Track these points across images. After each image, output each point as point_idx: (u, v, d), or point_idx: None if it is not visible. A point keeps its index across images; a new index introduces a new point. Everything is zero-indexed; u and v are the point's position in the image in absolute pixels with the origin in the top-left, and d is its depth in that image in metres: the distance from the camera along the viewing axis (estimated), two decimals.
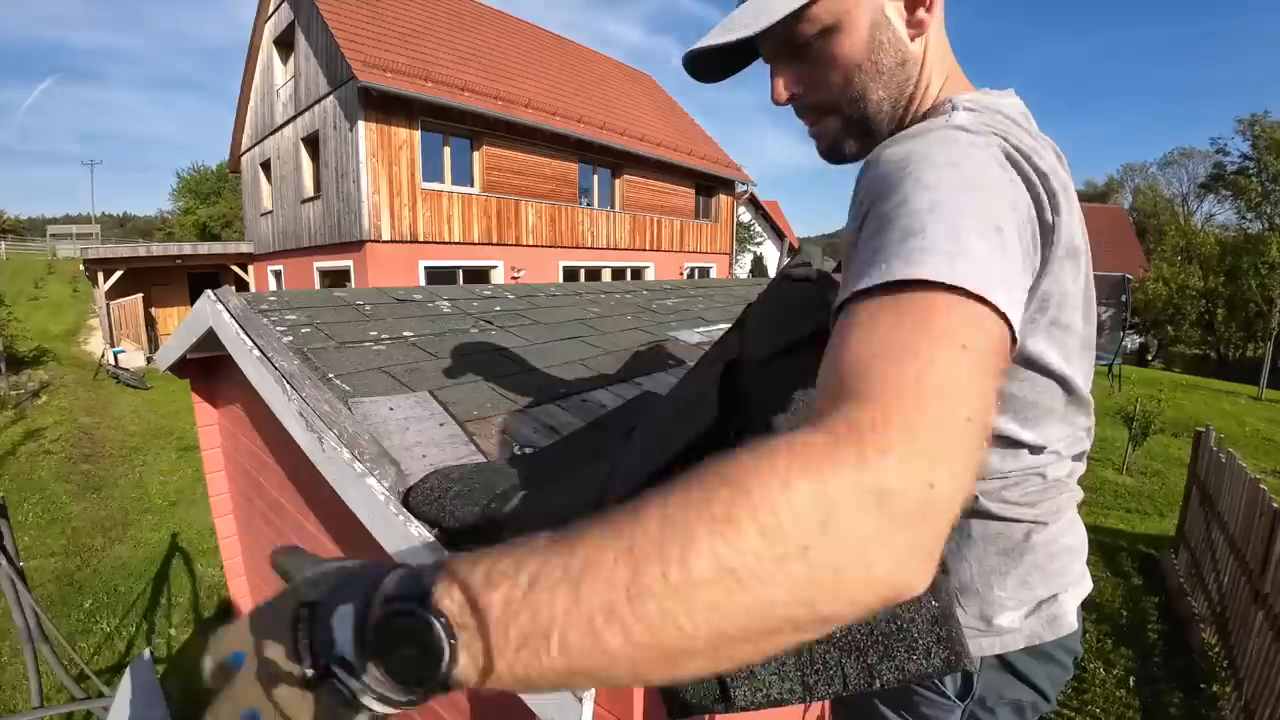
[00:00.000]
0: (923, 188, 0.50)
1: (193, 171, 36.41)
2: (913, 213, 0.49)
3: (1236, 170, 24.90)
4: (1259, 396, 14.22)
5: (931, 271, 0.44)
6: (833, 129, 0.71)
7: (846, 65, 0.65)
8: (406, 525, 1.14)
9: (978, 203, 0.50)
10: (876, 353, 0.42)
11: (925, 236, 0.47)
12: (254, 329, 1.74)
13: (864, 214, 0.55)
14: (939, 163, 0.52)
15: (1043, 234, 0.57)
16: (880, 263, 0.47)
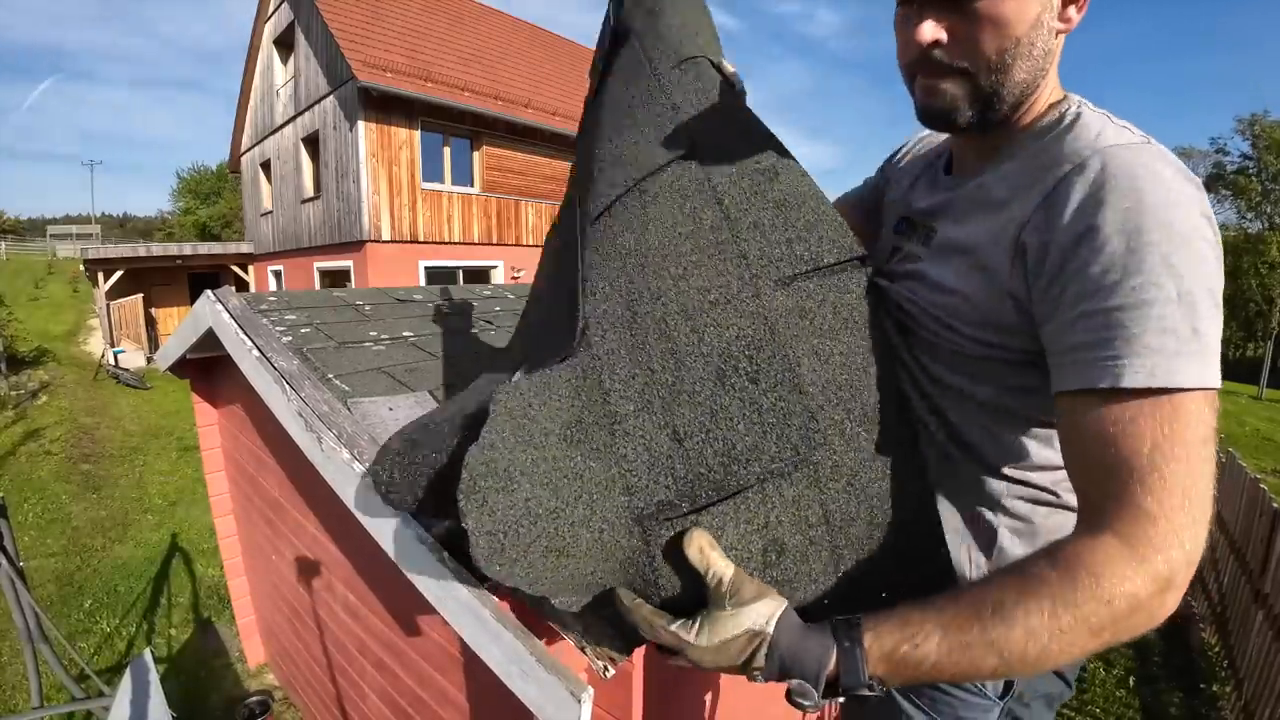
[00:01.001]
0: (1170, 272, 0.53)
1: (193, 171, 36.42)
2: (1165, 301, 0.52)
3: (1236, 170, 24.89)
4: (1259, 396, 14.22)
5: (1194, 379, 0.52)
6: (955, 93, 0.66)
7: (1005, 34, 0.62)
8: (406, 525, 1.14)
9: (1211, 283, 0.54)
10: (1150, 463, 0.52)
11: (1179, 338, 0.52)
12: (254, 329, 1.74)
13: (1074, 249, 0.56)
14: (1177, 234, 0.53)
15: None
16: (1138, 357, 0.53)
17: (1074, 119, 0.64)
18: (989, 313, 0.66)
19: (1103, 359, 0.54)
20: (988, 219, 0.66)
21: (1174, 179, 0.56)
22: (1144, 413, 0.53)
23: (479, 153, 11.22)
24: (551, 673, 0.89)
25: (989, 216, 0.66)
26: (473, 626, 1.01)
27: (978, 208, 0.69)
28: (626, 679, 1.25)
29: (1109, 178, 0.56)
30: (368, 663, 2.00)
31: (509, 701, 0.98)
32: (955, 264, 0.69)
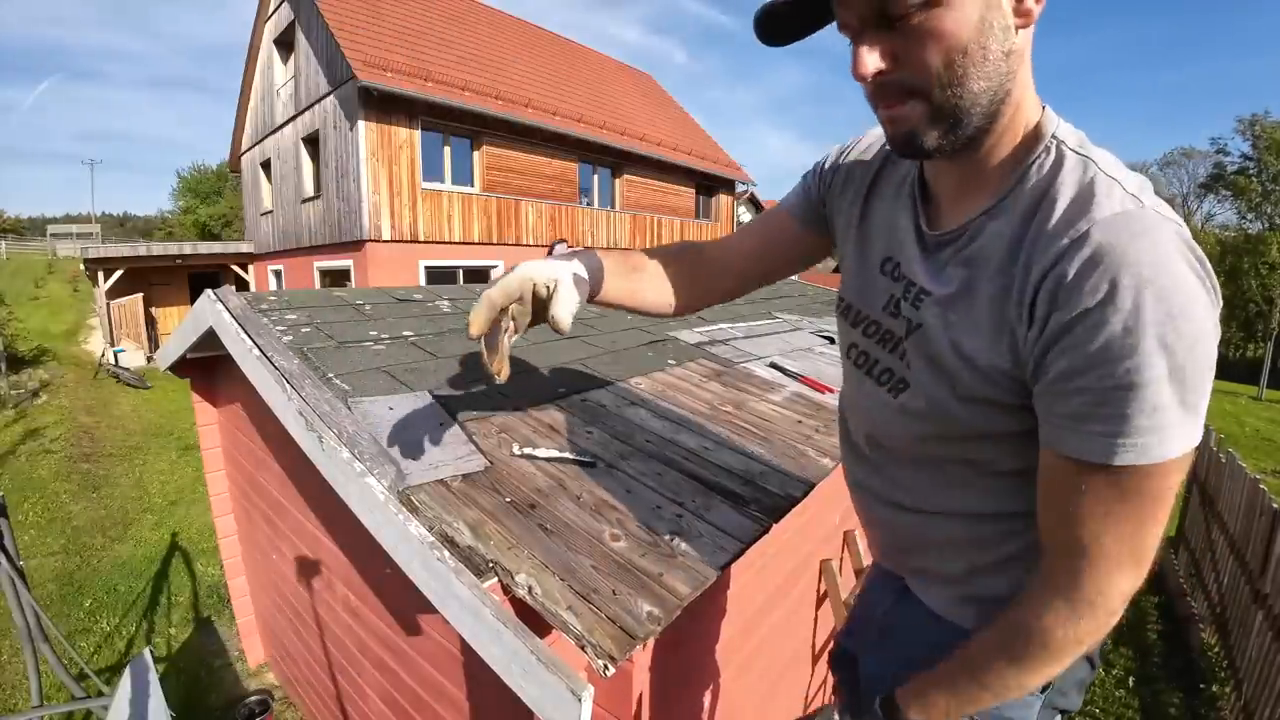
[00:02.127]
0: (1164, 351, 0.54)
1: (193, 171, 36.44)
2: (1158, 381, 0.54)
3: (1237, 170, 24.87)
4: (1259, 396, 14.22)
5: (1177, 450, 0.56)
6: (915, 116, 0.62)
7: (950, 45, 0.58)
8: (406, 524, 1.14)
9: (1205, 348, 0.55)
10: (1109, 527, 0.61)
11: (1168, 415, 0.55)
12: (254, 328, 1.74)
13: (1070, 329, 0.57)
14: (1174, 312, 0.54)
15: None
16: (1129, 437, 0.56)
17: (1055, 168, 0.63)
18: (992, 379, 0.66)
19: (1096, 433, 0.58)
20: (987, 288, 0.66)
21: (1169, 253, 0.55)
22: (1115, 483, 0.59)
23: (479, 152, 11.22)
24: (552, 671, 0.89)
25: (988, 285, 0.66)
26: (473, 625, 1.01)
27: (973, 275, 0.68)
28: (626, 678, 1.25)
29: (1105, 257, 0.56)
30: (368, 662, 2.00)
31: (509, 700, 0.98)
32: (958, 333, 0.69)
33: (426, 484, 1.30)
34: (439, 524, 1.19)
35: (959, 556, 0.82)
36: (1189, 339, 0.54)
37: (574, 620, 1.00)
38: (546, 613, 1.02)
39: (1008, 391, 0.66)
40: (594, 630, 0.98)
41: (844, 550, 2.36)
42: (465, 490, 1.30)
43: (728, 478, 1.53)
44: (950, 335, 0.69)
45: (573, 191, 12.91)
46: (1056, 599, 0.64)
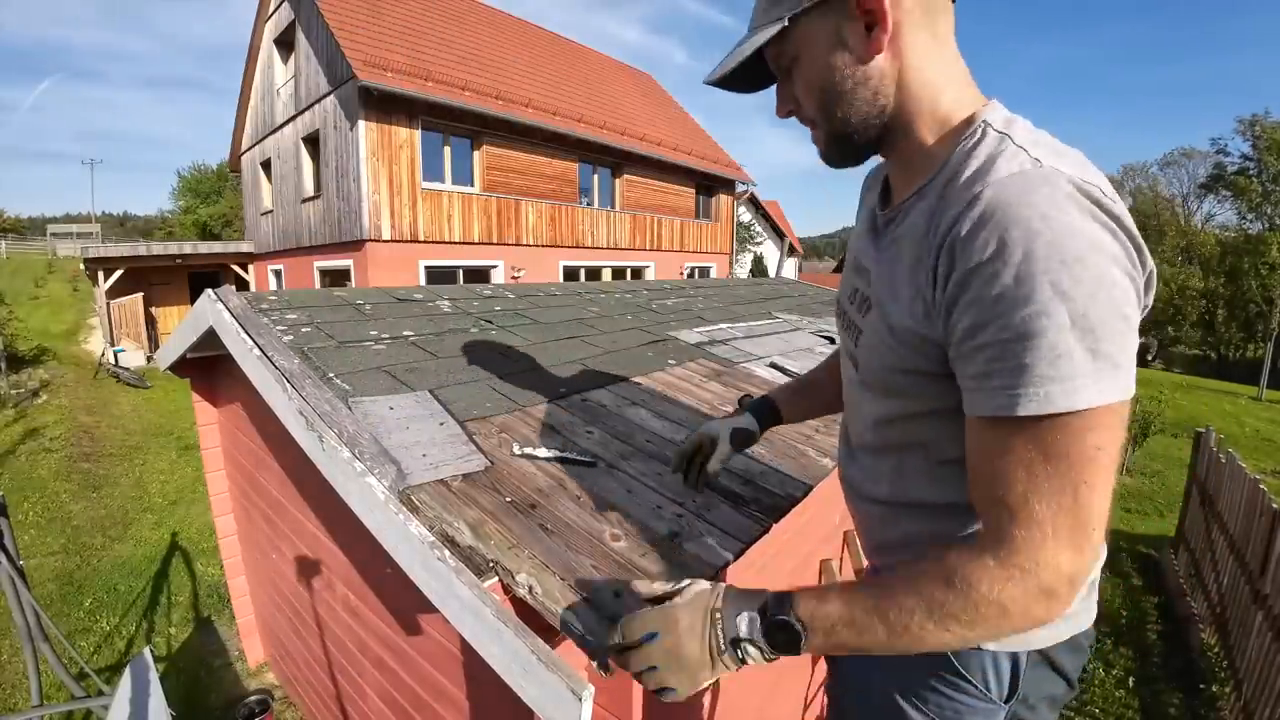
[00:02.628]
0: (1062, 298, 0.55)
1: (193, 171, 36.40)
2: (1057, 329, 0.55)
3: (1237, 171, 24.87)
4: (1259, 397, 14.22)
5: (1088, 400, 0.55)
6: (819, 139, 0.78)
7: (812, 88, 0.73)
8: (406, 524, 1.14)
9: (1112, 297, 0.55)
10: (1027, 491, 0.59)
11: (1074, 362, 0.55)
12: (254, 328, 1.74)
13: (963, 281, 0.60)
14: (1067, 259, 0.55)
15: (1145, 280, 0.61)
16: (1031, 386, 0.57)
17: (974, 145, 0.66)
18: (914, 345, 0.70)
19: (998, 388, 0.59)
20: (907, 258, 0.70)
21: (1060, 203, 0.57)
22: (1032, 439, 0.58)
23: (479, 152, 11.21)
24: (552, 671, 0.89)
25: (908, 255, 0.70)
26: (473, 625, 1.01)
27: (899, 248, 0.73)
28: (627, 677, 1.25)
29: (995, 211, 0.58)
30: (368, 661, 2.00)
31: (509, 700, 0.98)
32: (885, 303, 0.74)
33: (427, 484, 1.30)
34: (439, 524, 1.19)
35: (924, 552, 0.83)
36: (1089, 285, 0.55)
37: (574, 620, 1.00)
38: (547, 612, 1.02)
39: (933, 360, 0.68)
40: (594, 630, 0.98)
41: (844, 550, 2.36)
42: (465, 490, 1.30)
43: (728, 477, 1.53)
44: (881, 308, 0.75)
45: (573, 191, 12.90)
46: (986, 555, 0.61)
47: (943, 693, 0.82)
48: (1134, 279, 0.58)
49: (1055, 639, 0.78)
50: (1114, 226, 0.57)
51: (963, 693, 0.81)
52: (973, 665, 0.80)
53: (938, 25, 0.69)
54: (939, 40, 0.70)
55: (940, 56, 0.70)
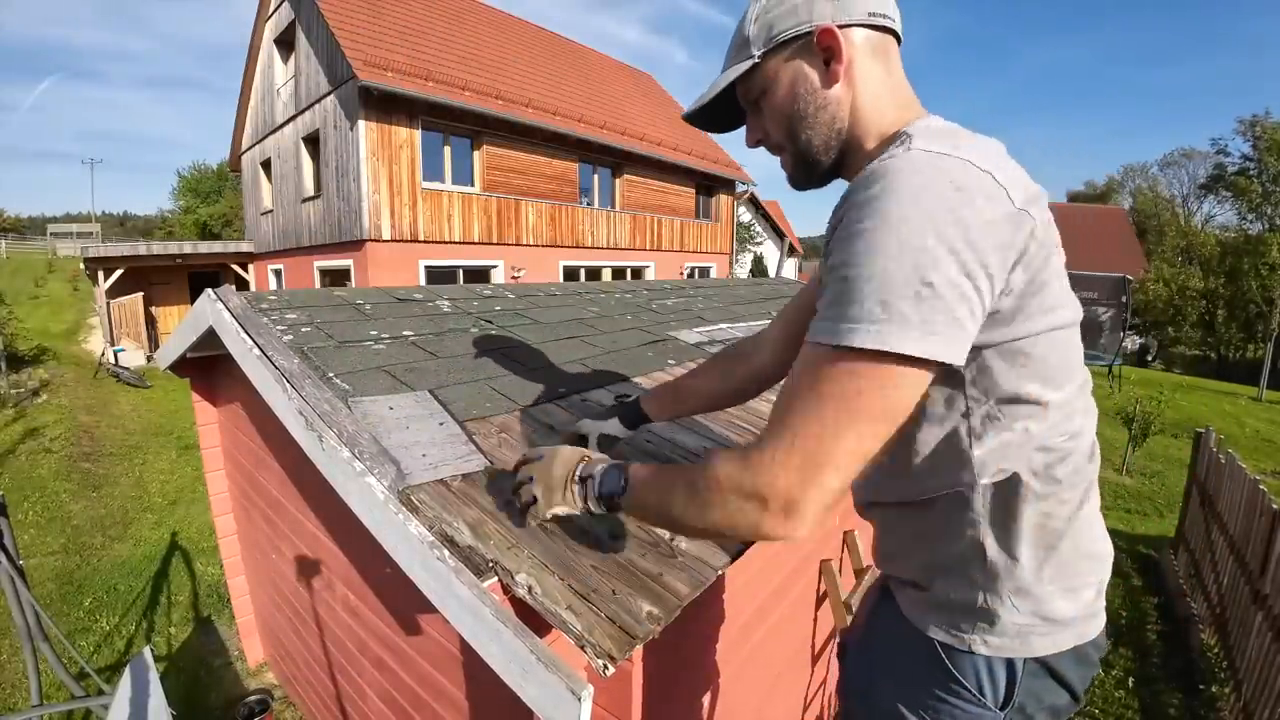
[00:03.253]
0: (869, 252, 0.62)
1: (193, 170, 36.42)
2: (857, 279, 0.63)
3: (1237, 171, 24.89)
4: (1259, 398, 14.21)
5: (860, 342, 0.62)
6: (787, 163, 0.88)
7: (777, 116, 0.83)
8: (405, 524, 1.14)
9: (918, 261, 0.61)
10: (783, 406, 0.67)
11: (862, 309, 0.62)
12: (254, 328, 1.74)
13: (829, 242, 0.71)
14: (891, 220, 0.62)
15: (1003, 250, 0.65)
16: (827, 320, 0.65)
17: (886, 147, 0.74)
18: None
19: (814, 320, 0.68)
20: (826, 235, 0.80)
21: (906, 172, 0.64)
22: (808, 364, 0.66)
23: (479, 152, 11.22)
24: (551, 671, 0.89)
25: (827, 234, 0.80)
26: (472, 625, 1.01)
27: None
28: (626, 677, 1.25)
29: (855, 186, 0.68)
30: (367, 661, 2.00)
31: (508, 700, 0.98)
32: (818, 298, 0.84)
33: (426, 484, 1.30)
34: (439, 523, 1.19)
35: (912, 553, 0.85)
36: (904, 246, 0.61)
37: (574, 620, 1.00)
38: (546, 612, 1.02)
39: None
40: (593, 630, 0.98)
41: (844, 550, 2.36)
42: (465, 490, 1.30)
43: None
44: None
45: (573, 191, 12.91)
46: (739, 449, 0.70)
47: (939, 696, 0.82)
48: (966, 251, 0.62)
49: (1056, 647, 0.78)
50: (961, 198, 0.62)
51: (958, 697, 0.81)
52: (967, 670, 0.80)
53: (887, 62, 0.80)
54: (889, 73, 0.80)
55: (887, 86, 0.80)
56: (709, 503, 0.71)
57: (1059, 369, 0.74)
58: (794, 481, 0.63)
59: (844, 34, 0.76)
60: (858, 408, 0.62)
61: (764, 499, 0.65)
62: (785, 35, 0.78)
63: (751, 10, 0.82)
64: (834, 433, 0.62)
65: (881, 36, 0.79)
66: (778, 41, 0.79)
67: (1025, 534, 0.75)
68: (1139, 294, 20.64)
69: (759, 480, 0.66)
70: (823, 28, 0.76)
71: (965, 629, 0.80)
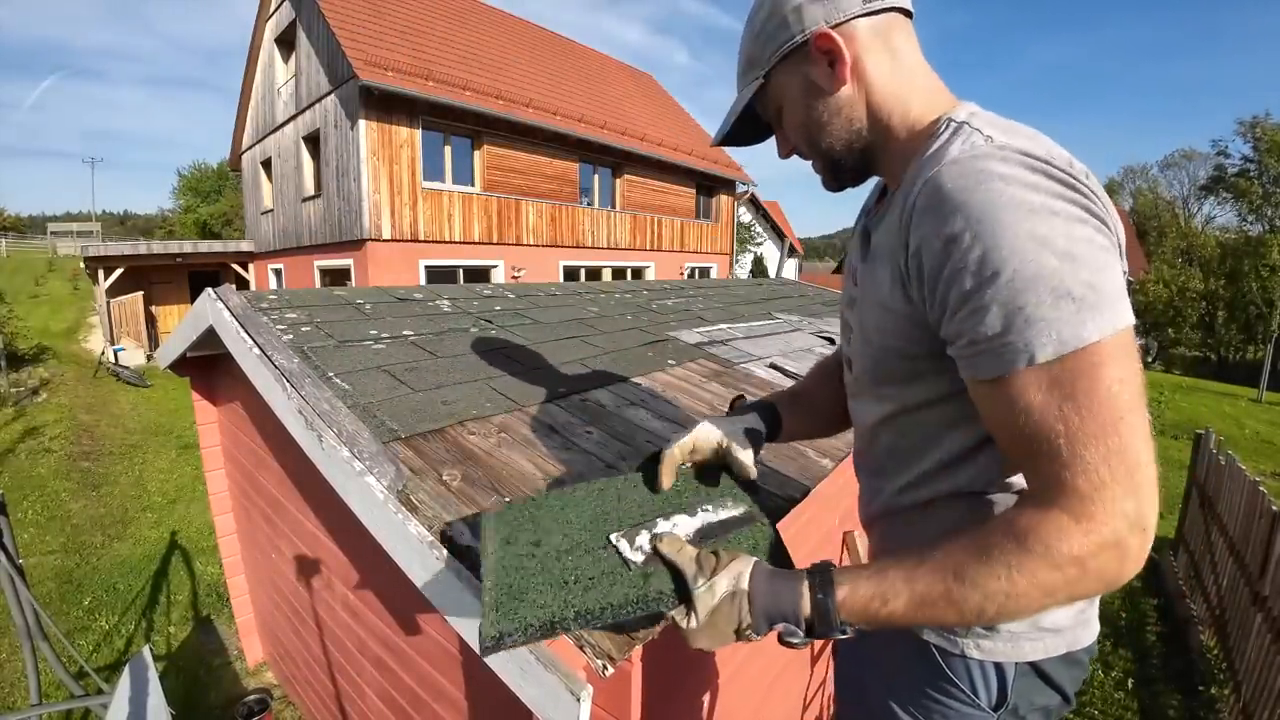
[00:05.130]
0: (1038, 242, 0.57)
1: (194, 170, 36.42)
2: (1050, 271, 0.56)
3: (1237, 172, 24.87)
4: (1259, 399, 14.21)
5: (1105, 329, 0.56)
6: (818, 167, 0.86)
7: (797, 127, 0.83)
8: (405, 524, 1.14)
9: (1083, 234, 0.58)
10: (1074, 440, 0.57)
11: (1076, 297, 0.56)
12: (254, 327, 1.74)
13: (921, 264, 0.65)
14: (1035, 206, 0.58)
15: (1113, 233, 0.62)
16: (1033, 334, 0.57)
17: (936, 138, 0.70)
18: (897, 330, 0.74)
19: (1007, 344, 0.59)
20: (886, 248, 0.75)
21: (1012, 165, 0.60)
22: (1055, 386, 0.58)
23: (480, 152, 11.22)
24: (551, 671, 0.89)
25: (886, 245, 0.75)
26: (472, 625, 1.01)
27: (880, 242, 0.78)
28: (625, 678, 1.25)
29: (945, 189, 0.62)
30: (366, 661, 2.00)
31: (508, 700, 0.98)
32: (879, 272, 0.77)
33: (426, 484, 1.30)
34: (438, 523, 1.19)
35: None
36: (1062, 227, 0.57)
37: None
38: None
39: (917, 341, 0.72)
40: (593, 630, 0.98)
41: (844, 551, 2.36)
42: (465, 490, 1.30)
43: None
44: (867, 300, 0.81)
45: (573, 191, 12.91)
46: (1056, 510, 0.58)
47: (933, 698, 0.83)
48: (1098, 222, 0.60)
49: (1046, 653, 0.78)
50: (1068, 181, 0.60)
51: (951, 698, 0.81)
52: (960, 672, 0.80)
53: (896, 47, 0.76)
54: (899, 59, 0.76)
55: (901, 73, 0.76)
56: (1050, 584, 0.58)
57: None
58: (1136, 506, 0.56)
59: (841, 32, 0.74)
60: (1130, 391, 0.57)
61: (1123, 544, 0.56)
62: (784, 49, 0.77)
63: (749, 30, 0.81)
64: (1131, 431, 0.56)
65: (887, 18, 0.75)
66: (779, 57, 0.78)
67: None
68: (1139, 295, 20.65)
69: (1110, 531, 0.56)
70: (817, 33, 0.74)
71: (959, 632, 0.80)
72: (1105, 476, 0.56)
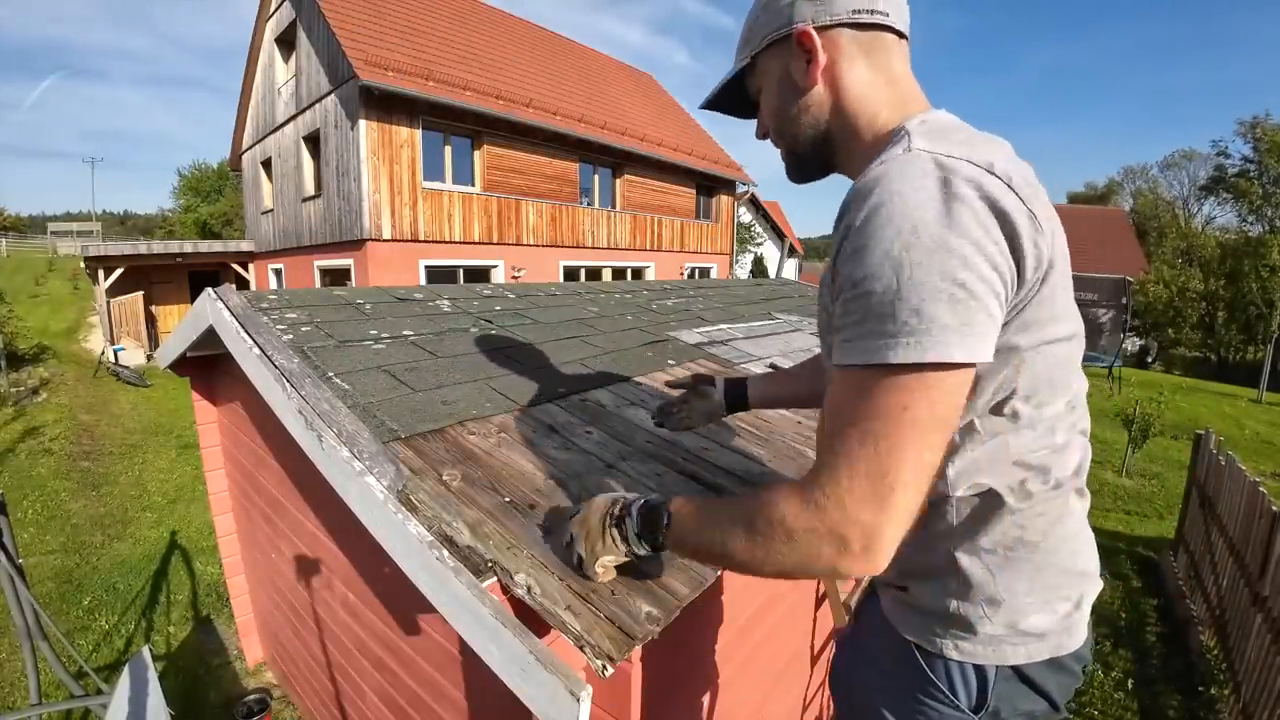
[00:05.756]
0: (891, 263, 0.60)
1: (194, 169, 36.42)
2: (885, 291, 0.61)
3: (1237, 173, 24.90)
4: (1259, 399, 14.21)
5: (902, 358, 0.59)
6: (783, 157, 0.90)
7: (769, 113, 0.87)
8: (405, 524, 1.14)
9: (944, 266, 0.59)
10: (833, 434, 0.64)
11: (896, 321, 0.60)
12: (254, 327, 1.74)
13: (838, 253, 0.68)
14: (905, 226, 0.60)
15: (1013, 252, 0.63)
16: (860, 340, 0.63)
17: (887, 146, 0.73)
18: None
19: (840, 341, 0.66)
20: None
21: (911, 180, 0.62)
22: (848, 389, 0.64)
23: (480, 152, 11.22)
24: (550, 671, 0.89)
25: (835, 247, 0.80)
26: (471, 625, 1.01)
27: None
28: (625, 678, 1.25)
29: (859, 193, 0.66)
30: (366, 661, 2.00)
31: (507, 700, 0.98)
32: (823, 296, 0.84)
33: (426, 484, 1.29)
34: (438, 523, 1.19)
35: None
36: (924, 252, 0.59)
37: (573, 620, 1.00)
38: (545, 612, 1.01)
39: None
40: (593, 630, 0.98)
41: None
42: (465, 490, 1.30)
43: (727, 478, 1.53)
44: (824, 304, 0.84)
45: (573, 191, 12.91)
46: (796, 486, 0.66)
47: (916, 698, 0.83)
48: (989, 246, 0.61)
49: (1029, 658, 0.78)
50: (973, 198, 0.61)
51: (933, 699, 0.81)
52: (940, 672, 0.81)
53: (877, 60, 0.78)
54: (878, 71, 0.79)
55: (877, 85, 0.79)
56: (776, 547, 0.67)
57: (1047, 384, 0.73)
58: (869, 512, 0.60)
59: (825, 35, 0.77)
60: (911, 420, 0.59)
61: (842, 538, 0.62)
62: (772, 37, 0.81)
63: (754, 8, 0.85)
64: (893, 453, 0.59)
65: (872, 34, 0.77)
66: (766, 43, 0.83)
67: (998, 548, 0.76)
68: (1139, 295, 20.64)
69: (831, 519, 0.62)
70: (801, 30, 0.77)
71: (939, 633, 0.80)
72: (843, 478, 0.61)
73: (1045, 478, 0.75)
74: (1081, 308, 0.77)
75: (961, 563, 0.77)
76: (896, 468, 0.60)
